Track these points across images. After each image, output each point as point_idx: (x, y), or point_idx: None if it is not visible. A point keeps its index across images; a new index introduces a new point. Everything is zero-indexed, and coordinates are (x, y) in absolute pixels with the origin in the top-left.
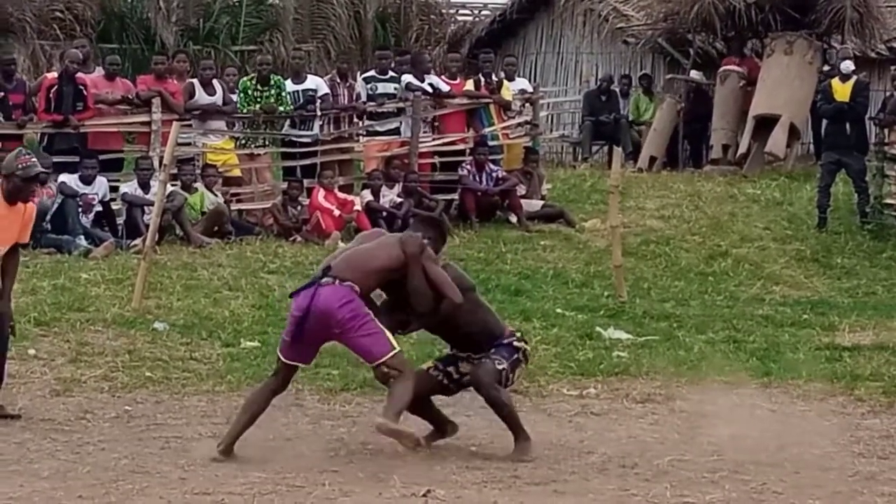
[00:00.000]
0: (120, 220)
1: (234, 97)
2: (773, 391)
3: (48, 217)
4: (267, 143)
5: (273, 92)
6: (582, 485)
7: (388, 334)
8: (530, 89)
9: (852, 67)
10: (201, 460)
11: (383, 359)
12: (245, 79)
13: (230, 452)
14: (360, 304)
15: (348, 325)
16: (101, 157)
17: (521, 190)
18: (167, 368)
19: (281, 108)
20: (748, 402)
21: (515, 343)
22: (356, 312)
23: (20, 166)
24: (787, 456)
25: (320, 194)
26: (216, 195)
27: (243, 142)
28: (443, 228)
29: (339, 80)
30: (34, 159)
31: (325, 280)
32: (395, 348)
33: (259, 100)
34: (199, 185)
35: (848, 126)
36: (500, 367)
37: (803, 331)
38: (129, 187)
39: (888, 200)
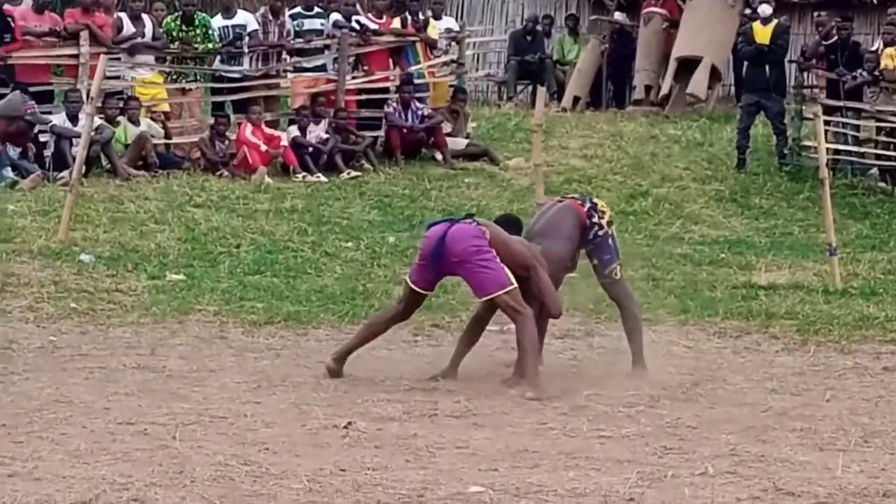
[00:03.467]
0: (48, 153)
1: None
2: (689, 328)
3: None
4: (198, 78)
5: (198, 31)
6: (501, 418)
7: (508, 272)
8: (457, 28)
9: (770, 11)
10: (125, 390)
11: (499, 292)
12: (169, 18)
13: (340, 364)
14: (487, 244)
15: (470, 257)
16: (31, 89)
17: (447, 128)
18: (92, 300)
19: (209, 45)
20: (665, 338)
21: (600, 233)
22: (481, 247)
23: (30, 112)
24: (702, 391)
25: (247, 129)
26: (138, 125)
27: (174, 77)
28: (519, 223)
29: (270, 17)
30: (35, 106)
31: (465, 220)
32: (512, 284)
33: (186, 41)
34: (122, 118)
35: (767, 68)
36: (617, 276)
37: (721, 270)
38: (58, 119)
39: (806, 142)
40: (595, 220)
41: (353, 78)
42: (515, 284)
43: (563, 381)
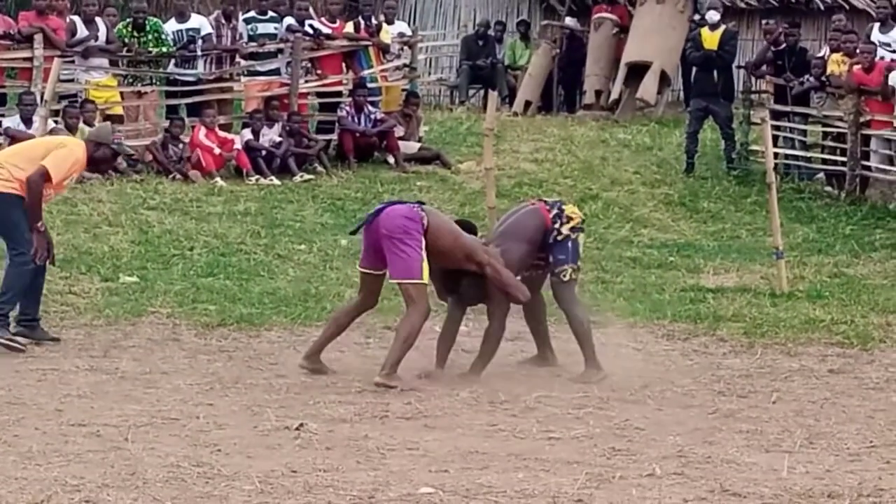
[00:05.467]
0: None
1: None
2: (638, 331)
3: None
4: (154, 81)
5: (150, 37)
6: (452, 420)
7: (425, 266)
8: (409, 33)
9: (717, 17)
10: (77, 392)
11: (405, 280)
12: (120, 25)
13: (315, 361)
14: (419, 229)
15: (395, 235)
16: None
17: (399, 131)
18: (45, 302)
19: (164, 49)
20: (614, 340)
21: (559, 237)
22: (408, 228)
23: (116, 141)
24: (650, 393)
25: (201, 133)
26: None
27: (130, 80)
28: (473, 228)
29: (223, 21)
30: (122, 137)
31: (411, 205)
32: (422, 279)
33: (137, 46)
34: (80, 122)
35: (716, 74)
36: (565, 278)
37: (669, 272)
38: (12, 121)
39: (753, 147)
40: (557, 225)
41: (307, 82)
42: (425, 280)
43: (511, 384)
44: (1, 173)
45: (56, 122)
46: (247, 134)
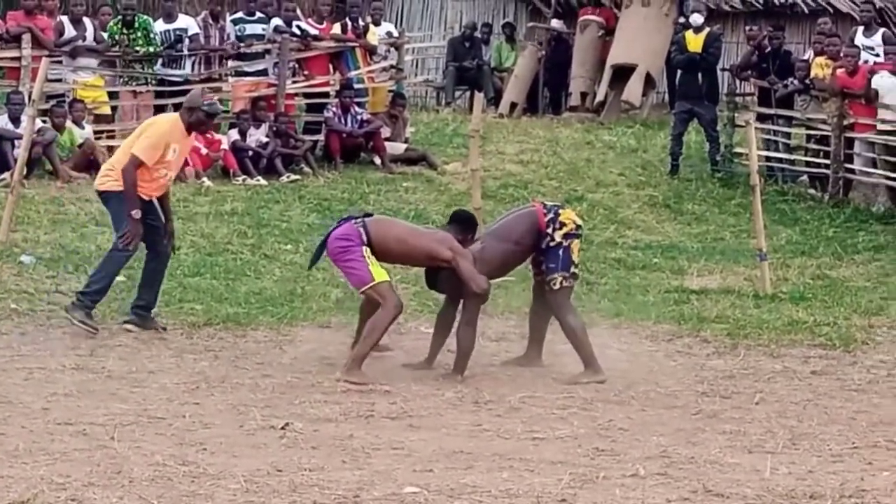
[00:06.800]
0: None
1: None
2: (622, 332)
3: None
4: (150, 81)
5: (140, 34)
6: (436, 420)
7: (371, 268)
8: (396, 34)
9: (701, 20)
10: (64, 391)
11: (363, 288)
12: (111, 22)
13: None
14: (356, 242)
15: (336, 256)
16: None
17: (386, 132)
18: (32, 301)
19: (150, 49)
20: (598, 341)
21: (551, 244)
22: (346, 248)
23: (206, 102)
24: (634, 394)
25: None
26: (83, 128)
27: (126, 80)
28: (473, 222)
29: (211, 22)
30: (215, 98)
31: (353, 221)
32: (374, 280)
33: (127, 43)
34: (67, 121)
35: (700, 76)
36: (556, 287)
37: (653, 274)
38: (1, 121)
39: (738, 149)
40: (550, 230)
41: (294, 82)
42: (377, 280)
43: (496, 384)
44: (111, 174)
45: (44, 121)
46: (234, 134)
